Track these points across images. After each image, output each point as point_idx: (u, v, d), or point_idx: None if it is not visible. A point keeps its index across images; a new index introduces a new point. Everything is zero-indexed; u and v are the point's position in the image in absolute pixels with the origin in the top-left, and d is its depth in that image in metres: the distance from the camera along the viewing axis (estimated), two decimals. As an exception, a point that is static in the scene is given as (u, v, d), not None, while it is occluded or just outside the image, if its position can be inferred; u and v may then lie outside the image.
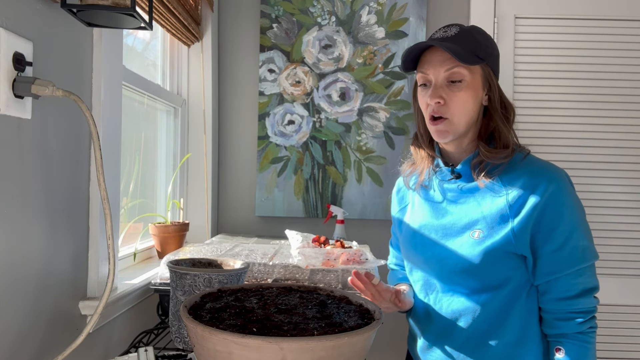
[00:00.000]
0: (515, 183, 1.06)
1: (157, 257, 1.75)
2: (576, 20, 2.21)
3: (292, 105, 2.23)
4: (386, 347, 2.27)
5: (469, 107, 1.07)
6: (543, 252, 1.04)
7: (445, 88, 1.07)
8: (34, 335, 0.94)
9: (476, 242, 1.06)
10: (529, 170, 1.06)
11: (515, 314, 1.07)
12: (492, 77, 1.10)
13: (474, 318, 1.09)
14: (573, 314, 1.03)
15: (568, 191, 1.04)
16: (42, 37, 0.93)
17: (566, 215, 1.02)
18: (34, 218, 0.92)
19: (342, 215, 2.05)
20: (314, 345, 0.58)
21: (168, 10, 1.62)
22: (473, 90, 1.07)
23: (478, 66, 1.08)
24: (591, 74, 2.21)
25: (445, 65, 1.06)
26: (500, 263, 1.05)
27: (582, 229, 1.04)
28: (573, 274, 1.03)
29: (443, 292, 1.14)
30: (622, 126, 2.21)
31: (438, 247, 1.13)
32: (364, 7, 2.22)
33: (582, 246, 1.03)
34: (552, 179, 1.04)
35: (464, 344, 1.11)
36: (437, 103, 1.07)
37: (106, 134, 1.18)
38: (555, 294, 1.04)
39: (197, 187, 2.09)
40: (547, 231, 1.02)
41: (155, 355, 1.02)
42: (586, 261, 1.03)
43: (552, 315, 1.05)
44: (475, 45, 1.07)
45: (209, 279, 0.94)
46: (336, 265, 1.41)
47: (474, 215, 1.08)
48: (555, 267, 1.03)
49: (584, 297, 1.02)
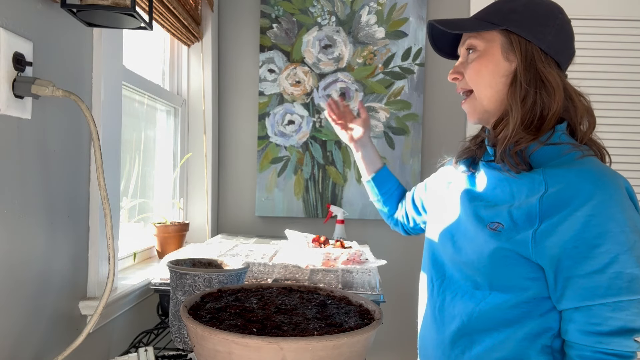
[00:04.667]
0: (558, 181, 0.87)
1: (157, 257, 1.75)
2: (576, 20, 2.21)
3: (292, 105, 2.23)
4: (386, 347, 2.27)
5: (485, 78, 0.96)
6: (578, 272, 0.84)
7: (464, 63, 1.01)
8: (34, 335, 0.94)
9: (491, 236, 0.92)
10: (581, 170, 0.87)
11: (520, 331, 0.91)
12: (519, 44, 0.93)
13: (469, 321, 0.96)
14: (601, 355, 0.83)
15: (622, 205, 0.84)
16: (42, 37, 0.93)
17: (614, 232, 0.82)
18: (34, 218, 0.92)
19: (342, 215, 2.05)
20: (314, 345, 0.58)
21: (168, 10, 1.62)
22: (487, 59, 0.96)
23: (496, 34, 0.95)
24: (591, 74, 2.21)
25: (462, 41, 1.02)
26: (511, 266, 0.90)
27: (634, 254, 0.83)
28: (611, 305, 0.82)
29: (449, 282, 1.01)
30: (622, 126, 2.21)
31: (458, 232, 1.01)
32: (364, 7, 2.22)
33: (630, 274, 0.82)
34: (605, 186, 0.84)
35: (452, 346, 0.99)
36: (454, 79, 1.02)
37: (106, 134, 1.18)
38: (583, 325, 0.84)
39: (197, 187, 2.10)
40: (586, 247, 0.83)
41: (155, 355, 1.02)
42: (632, 293, 0.82)
43: (577, 351, 0.85)
44: (491, 11, 0.96)
45: (209, 279, 0.94)
46: (336, 265, 1.41)
47: (502, 206, 0.93)
48: (589, 292, 0.83)
49: (620, 337, 0.82)
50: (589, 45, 2.21)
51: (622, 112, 2.20)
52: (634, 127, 2.20)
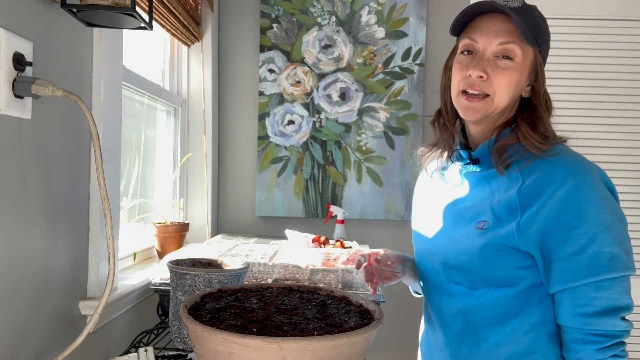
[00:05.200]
0: (532, 172, 0.91)
1: (157, 257, 1.75)
2: (576, 20, 2.21)
3: (292, 105, 2.23)
4: (386, 347, 2.27)
5: (512, 89, 0.95)
6: (559, 255, 0.88)
7: (492, 63, 0.94)
8: (34, 335, 0.94)
9: (478, 234, 0.94)
10: (552, 159, 0.91)
11: (525, 322, 0.93)
12: (541, 66, 0.98)
13: (473, 319, 0.97)
14: (591, 337, 0.86)
15: (595, 188, 0.88)
16: (42, 37, 0.93)
17: (590, 214, 0.86)
18: (34, 218, 0.92)
19: (342, 215, 2.05)
20: (314, 345, 0.58)
21: (168, 10, 1.62)
22: (520, 74, 0.95)
23: (532, 50, 0.95)
24: (591, 74, 2.21)
25: (500, 37, 0.93)
26: (501, 260, 0.92)
27: (611, 233, 0.86)
28: (594, 285, 0.85)
29: (445, 288, 1.02)
30: (622, 126, 2.21)
31: (443, 235, 1.02)
32: (364, 7, 2.22)
33: (608, 253, 0.85)
34: (577, 171, 0.89)
35: (459, 346, 1.00)
36: (479, 77, 0.93)
37: (106, 134, 1.18)
38: (570, 307, 0.88)
39: (197, 187, 2.09)
40: (565, 230, 0.87)
41: (155, 355, 1.02)
42: (612, 271, 0.85)
43: (568, 335, 0.89)
44: (536, 26, 0.94)
45: (209, 279, 0.94)
46: (336, 265, 1.41)
47: (484, 204, 0.96)
48: (571, 274, 0.87)
49: (607, 317, 0.85)
50: (589, 45, 2.21)
51: (621, 112, 2.20)
52: (634, 127, 2.20)
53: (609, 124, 2.21)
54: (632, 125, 2.20)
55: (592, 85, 2.21)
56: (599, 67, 2.20)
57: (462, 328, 1.00)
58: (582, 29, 2.21)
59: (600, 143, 2.20)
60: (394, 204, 2.23)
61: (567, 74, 2.21)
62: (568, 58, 2.21)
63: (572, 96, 2.21)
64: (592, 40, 2.20)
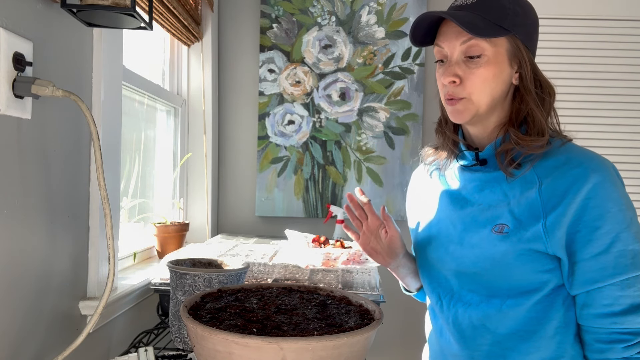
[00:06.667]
0: (551, 172, 0.89)
1: (157, 257, 1.75)
2: (576, 20, 2.21)
3: (292, 105, 2.23)
4: (386, 347, 2.27)
5: (490, 85, 0.91)
6: (583, 256, 0.86)
7: (462, 64, 0.92)
8: (34, 335, 0.94)
9: (499, 238, 0.90)
10: (568, 157, 0.89)
11: (550, 326, 0.90)
12: (523, 51, 0.92)
13: (497, 329, 0.92)
14: (618, 335, 0.85)
15: (615, 184, 0.86)
16: (42, 37, 0.93)
17: (613, 212, 0.84)
18: (34, 218, 0.92)
19: (342, 215, 2.05)
20: (314, 345, 0.58)
21: (168, 10, 1.62)
22: (495, 66, 0.91)
23: (503, 39, 0.91)
24: (591, 74, 2.21)
25: (461, 38, 0.91)
26: (527, 264, 0.89)
27: (633, 230, 0.85)
28: (619, 284, 0.84)
29: (459, 296, 0.98)
30: (622, 126, 2.21)
31: (454, 242, 0.98)
32: (364, 7, 2.22)
33: (632, 250, 0.84)
34: (596, 168, 0.86)
35: (482, 357, 0.95)
36: (451, 83, 0.92)
37: (106, 134, 1.18)
38: (596, 308, 0.86)
39: (197, 187, 2.10)
40: (588, 230, 0.85)
41: (155, 355, 1.02)
42: (636, 269, 0.84)
43: (593, 335, 0.88)
44: (499, 13, 0.90)
45: (209, 279, 0.94)
46: (336, 265, 1.41)
47: (499, 207, 0.92)
48: (597, 274, 0.85)
49: (633, 315, 0.84)
50: (589, 45, 2.21)
51: (621, 112, 2.20)
52: (634, 127, 2.20)
53: (610, 124, 2.21)
54: (633, 125, 2.20)
55: (593, 85, 2.21)
56: (599, 67, 2.21)
57: (485, 339, 0.94)
58: (582, 29, 2.21)
59: (600, 143, 2.20)
60: (394, 204, 2.23)
61: (567, 74, 2.21)
62: (568, 58, 2.21)
63: (573, 96, 2.21)
64: (592, 40, 2.21)
